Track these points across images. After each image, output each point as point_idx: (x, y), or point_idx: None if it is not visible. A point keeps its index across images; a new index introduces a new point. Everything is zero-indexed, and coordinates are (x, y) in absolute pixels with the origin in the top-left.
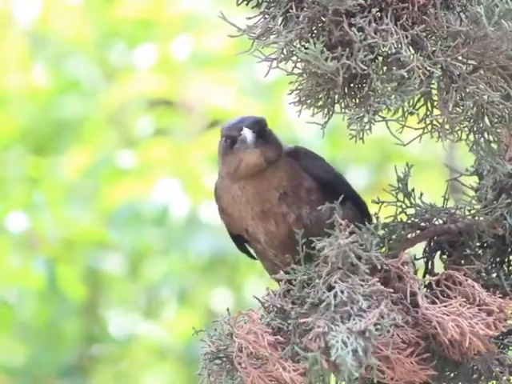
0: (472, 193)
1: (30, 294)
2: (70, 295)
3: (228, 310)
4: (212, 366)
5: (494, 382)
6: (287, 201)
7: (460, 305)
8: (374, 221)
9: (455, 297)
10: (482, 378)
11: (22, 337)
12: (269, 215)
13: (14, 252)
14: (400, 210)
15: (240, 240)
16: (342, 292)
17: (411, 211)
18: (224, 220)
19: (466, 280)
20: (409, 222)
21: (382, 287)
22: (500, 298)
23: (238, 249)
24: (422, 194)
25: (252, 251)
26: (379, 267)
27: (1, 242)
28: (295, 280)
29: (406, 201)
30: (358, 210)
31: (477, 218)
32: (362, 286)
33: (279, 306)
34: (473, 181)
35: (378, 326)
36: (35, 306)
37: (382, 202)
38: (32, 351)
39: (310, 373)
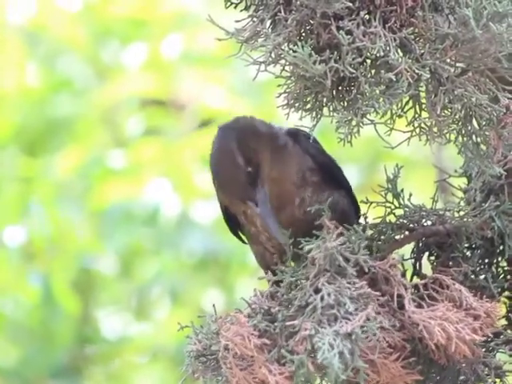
0: (461, 194)
1: (26, 305)
2: (64, 307)
3: (214, 306)
4: (197, 363)
5: None
6: (298, 184)
7: (447, 309)
8: (362, 220)
9: (442, 300)
10: (469, 380)
11: (14, 337)
12: (282, 199)
13: (10, 265)
14: (389, 210)
15: (232, 221)
16: (329, 295)
17: (400, 212)
18: (222, 199)
19: (454, 284)
20: (397, 223)
21: (370, 290)
22: (487, 302)
23: (229, 230)
24: (411, 195)
25: (243, 237)
26: (366, 270)
27: None
28: (282, 281)
29: (395, 202)
30: (350, 200)
31: (465, 219)
32: (349, 288)
33: (266, 307)
34: (462, 182)
35: (365, 329)
36: (28, 309)
37: (371, 203)
38: (24, 352)
39: (295, 375)
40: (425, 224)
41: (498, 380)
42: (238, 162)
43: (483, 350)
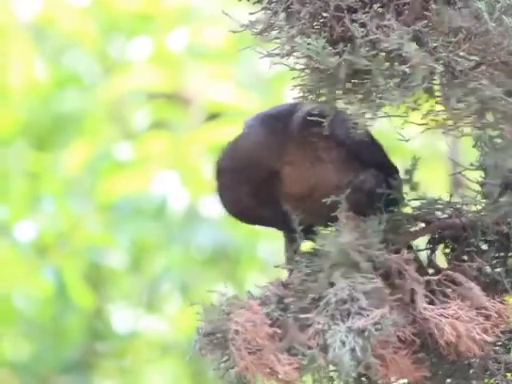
0: (477, 187)
1: (38, 300)
2: (77, 300)
3: (226, 286)
4: (206, 341)
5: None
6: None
7: (459, 307)
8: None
9: (454, 298)
10: (479, 375)
11: (27, 333)
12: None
13: (22, 260)
14: (405, 202)
15: None
16: (343, 289)
17: (416, 204)
18: None
19: (467, 282)
20: (413, 214)
21: (383, 286)
22: (499, 302)
23: None
24: (427, 187)
25: None
26: (380, 265)
27: (9, 250)
28: (298, 272)
29: (412, 193)
30: (383, 176)
31: (482, 213)
32: (362, 283)
33: (280, 296)
34: (478, 175)
35: (378, 326)
36: (40, 302)
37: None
38: (36, 347)
39: (306, 369)
40: (441, 217)
41: (509, 374)
42: None
43: (498, 345)
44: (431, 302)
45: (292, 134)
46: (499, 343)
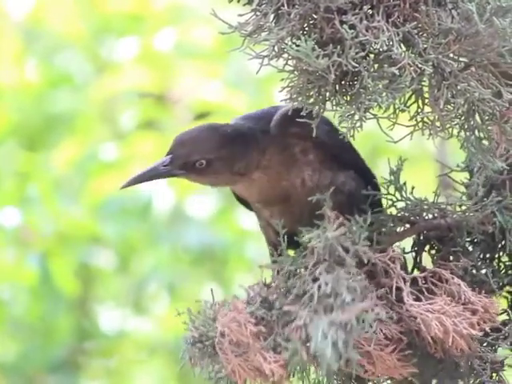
0: (463, 189)
1: (23, 290)
2: (63, 290)
3: (212, 291)
4: (194, 349)
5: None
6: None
7: (445, 303)
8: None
9: (441, 294)
10: (465, 374)
11: (14, 332)
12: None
13: (7, 248)
14: (390, 203)
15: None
16: (327, 284)
17: (401, 205)
18: None
19: (453, 278)
20: (399, 215)
21: (367, 282)
22: (485, 297)
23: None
24: (413, 188)
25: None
26: (366, 261)
27: None
28: (281, 270)
29: (397, 194)
30: (361, 180)
31: (467, 214)
32: (346, 279)
33: (264, 295)
34: (464, 177)
35: (360, 320)
36: (27, 302)
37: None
38: (23, 347)
39: (289, 363)
40: (426, 217)
41: (494, 374)
42: None
43: (484, 344)
44: (417, 299)
45: (272, 137)
46: (485, 343)
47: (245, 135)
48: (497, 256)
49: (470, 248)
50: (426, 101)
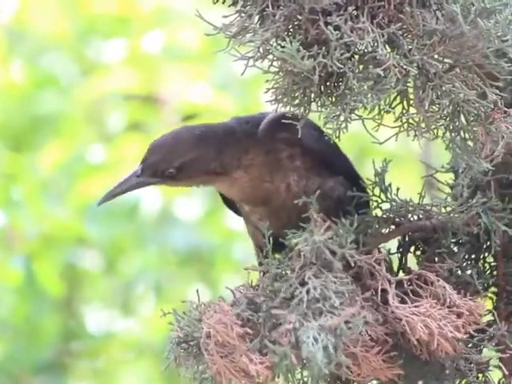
0: (448, 190)
1: (8, 291)
2: (48, 291)
3: (198, 292)
4: (179, 350)
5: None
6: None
7: (430, 306)
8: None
9: (426, 297)
10: (451, 375)
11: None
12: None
13: None
14: (375, 204)
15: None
16: (315, 288)
17: (386, 206)
18: None
19: (438, 280)
20: (384, 217)
21: (354, 286)
22: (471, 300)
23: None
24: (398, 190)
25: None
26: (352, 264)
27: None
28: (267, 272)
29: (382, 196)
30: (351, 185)
31: (452, 215)
32: (334, 283)
33: (250, 296)
34: (449, 178)
35: (350, 325)
36: (13, 303)
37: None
38: (9, 347)
39: (278, 367)
40: (411, 219)
41: (480, 375)
42: None
43: (469, 345)
44: (403, 301)
45: (258, 139)
46: (470, 344)
47: (220, 134)
48: (482, 257)
49: (455, 249)
50: (411, 102)
